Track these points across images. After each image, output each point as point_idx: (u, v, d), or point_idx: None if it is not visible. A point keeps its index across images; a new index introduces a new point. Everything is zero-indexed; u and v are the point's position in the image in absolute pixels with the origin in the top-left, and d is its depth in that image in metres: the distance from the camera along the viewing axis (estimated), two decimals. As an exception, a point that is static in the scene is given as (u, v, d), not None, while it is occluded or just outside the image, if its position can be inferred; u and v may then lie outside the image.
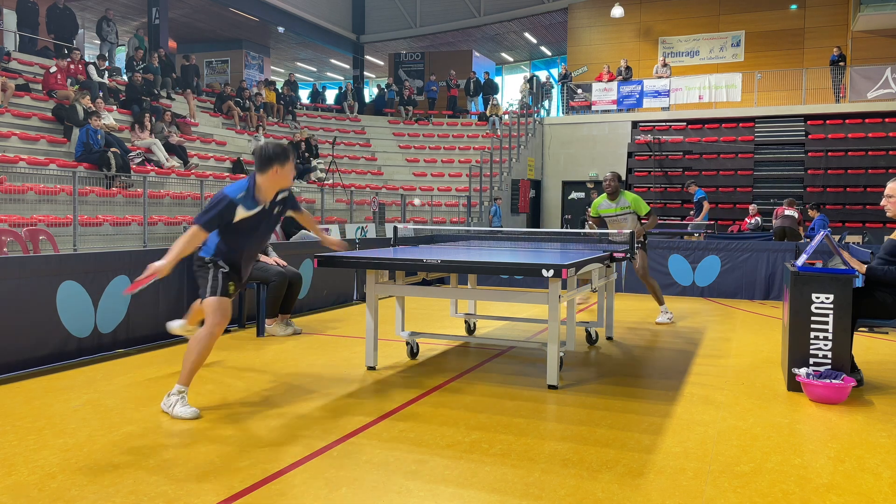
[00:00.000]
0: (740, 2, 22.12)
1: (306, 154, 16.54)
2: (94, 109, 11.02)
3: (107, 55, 16.80)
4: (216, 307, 4.15)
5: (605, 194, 7.55)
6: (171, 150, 13.64)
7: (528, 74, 25.14)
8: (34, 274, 5.10)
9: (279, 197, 4.33)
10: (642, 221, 7.41)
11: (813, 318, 4.62)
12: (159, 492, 2.97)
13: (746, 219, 16.27)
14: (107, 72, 15.55)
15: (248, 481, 3.09)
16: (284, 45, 27.45)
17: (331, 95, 24.85)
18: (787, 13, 21.77)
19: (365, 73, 27.80)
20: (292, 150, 4.31)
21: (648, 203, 8.14)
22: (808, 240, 13.26)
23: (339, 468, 3.26)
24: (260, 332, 6.57)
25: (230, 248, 4.26)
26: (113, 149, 11.37)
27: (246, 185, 4.20)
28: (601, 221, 7.67)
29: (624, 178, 20.06)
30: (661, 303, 7.63)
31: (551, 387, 4.73)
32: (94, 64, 15.18)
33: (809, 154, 18.71)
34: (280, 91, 20.69)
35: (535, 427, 3.88)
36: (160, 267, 3.95)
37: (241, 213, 4.16)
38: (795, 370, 4.63)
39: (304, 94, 25.63)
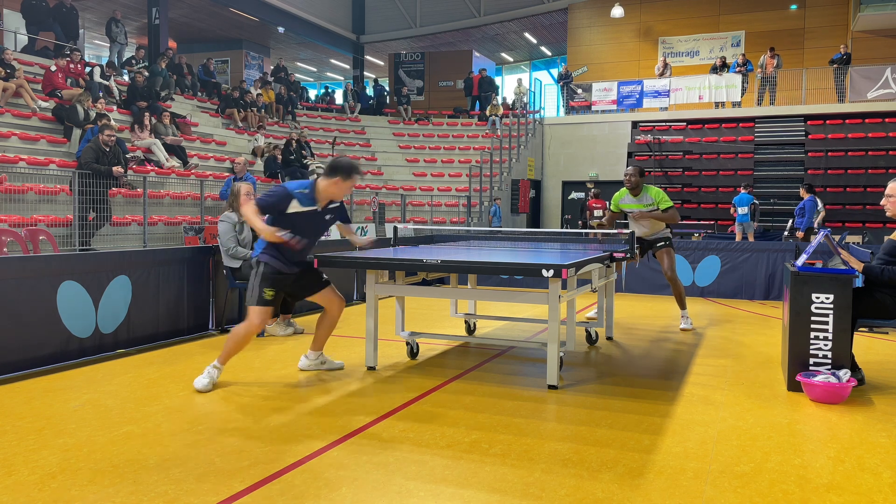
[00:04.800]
0: (740, 2, 22.12)
1: (303, 153, 16.52)
2: (106, 123, 10.89)
3: (116, 60, 16.81)
4: (253, 313, 4.75)
5: (625, 189, 7.20)
6: (171, 150, 13.64)
7: (519, 78, 25.21)
8: (34, 274, 5.10)
9: (331, 206, 4.84)
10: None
11: (813, 318, 4.62)
12: (159, 492, 2.97)
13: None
14: (113, 77, 15.54)
15: (248, 481, 3.09)
16: (284, 45, 27.45)
17: (319, 94, 25.02)
18: (787, 13, 21.77)
19: (365, 73, 27.81)
20: (360, 173, 4.87)
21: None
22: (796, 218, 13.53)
23: (339, 468, 3.26)
24: (260, 333, 6.56)
25: (276, 247, 4.73)
26: (118, 167, 11.13)
27: (308, 185, 4.71)
28: (620, 216, 7.35)
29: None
30: (683, 307, 7.21)
31: (551, 387, 4.73)
32: (100, 66, 15.20)
33: (809, 154, 18.71)
34: (279, 93, 20.68)
35: (535, 427, 3.88)
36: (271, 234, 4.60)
37: (294, 207, 4.64)
38: (802, 375, 4.64)
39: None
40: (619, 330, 7.10)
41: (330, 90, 25.49)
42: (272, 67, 24.22)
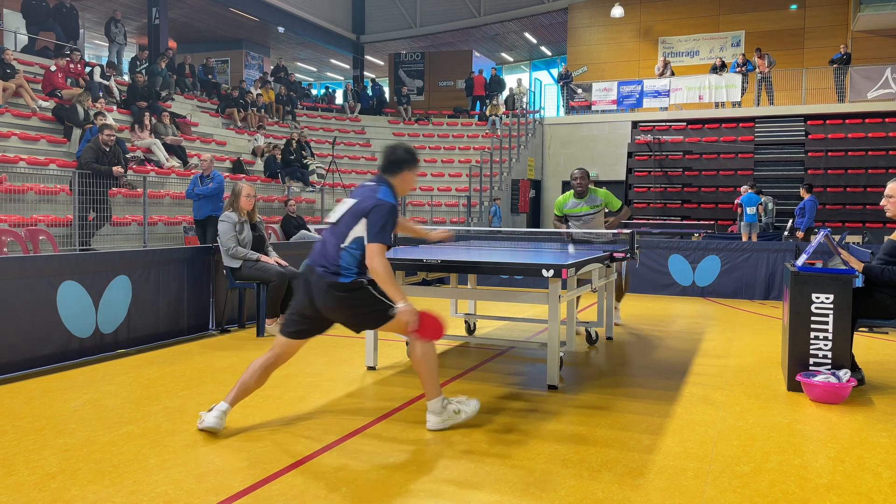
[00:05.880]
0: (740, 2, 22.12)
1: (303, 153, 16.53)
2: (104, 123, 10.86)
3: (115, 60, 16.80)
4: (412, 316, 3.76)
5: (570, 192, 6.96)
6: (171, 150, 13.65)
7: (519, 78, 25.25)
8: (34, 274, 5.10)
9: None
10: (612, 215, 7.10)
11: (813, 318, 4.62)
12: (159, 492, 2.97)
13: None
14: (113, 77, 15.53)
15: (248, 481, 3.09)
16: (284, 45, 27.45)
17: (319, 94, 25.05)
18: (787, 13, 21.77)
19: (365, 73, 27.82)
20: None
21: (647, 203, 8.00)
22: (796, 217, 13.62)
23: (339, 468, 3.26)
24: (260, 333, 6.57)
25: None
26: (118, 167, 11.03)
27: (390, 191, 3.83)
28: (565, 221, 7.04)
29: (624, 177, 20.10)
30: (619, 300, 7.28)
31: (551, 387, 4.73)
32: (100, 66, 15.20)
33: (809, 154, 18.71)
34: (279, 94, 20.67)
35: (535, 427, 3.88)
36: (410, 313, 3.68)
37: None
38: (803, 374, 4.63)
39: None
40: (618, 330, 7.10)
41: (331, 90, 25.48)
42: (272, 67, 24.23)
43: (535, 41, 28.67)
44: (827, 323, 4.59)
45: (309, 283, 3.81)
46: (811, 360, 4.63)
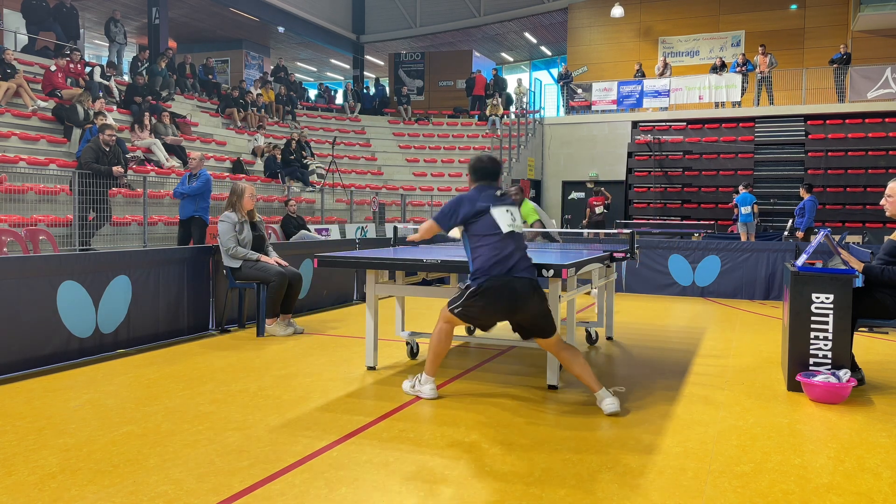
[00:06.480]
0: (740, 2, 22.12)
1: (303, 153, 16.52)
2: (104, 123, 10.85)
3: (115, 60, 16.81)
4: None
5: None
6: (171, 150, 13.65)
7: (519, 78, 25.27)
8: (34, 274, 5.10)
9: None
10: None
11: (813, 318, 4.62)
12: (159, 492, 2.97)
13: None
14: (113, 77, 15.53)
15: (248, 481, 3.09)
16: (284, 45, 27.45)
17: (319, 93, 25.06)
18: (787, 13, 21.77)
19: (365, 72, 27.81)
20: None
21: (647, 203, 8.10)
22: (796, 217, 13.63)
23: (339, 468, 3.26)
24: (260, 333, 6.56)
25: None
26: (118, 167, 10.96)
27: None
28: None
29: (624, 177, 20.11)
30: None
31: (551, 387, 4.73)
32: (100, 66, 15.20)
33: (809, 154, 18.71)
34: (279, 94, 20.66)
35: (536, 427, 3.88)
36: None
37: None
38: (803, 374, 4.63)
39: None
40: (618, 330, 7.10)
41: (332, 91, 25.49)
42: (272, 67, 24.23)
43: (535, 41, 28.67)
44: (827, 323, 4.59)
45: (514, 291, 4.12)
46: (811, 360, 4.63)
